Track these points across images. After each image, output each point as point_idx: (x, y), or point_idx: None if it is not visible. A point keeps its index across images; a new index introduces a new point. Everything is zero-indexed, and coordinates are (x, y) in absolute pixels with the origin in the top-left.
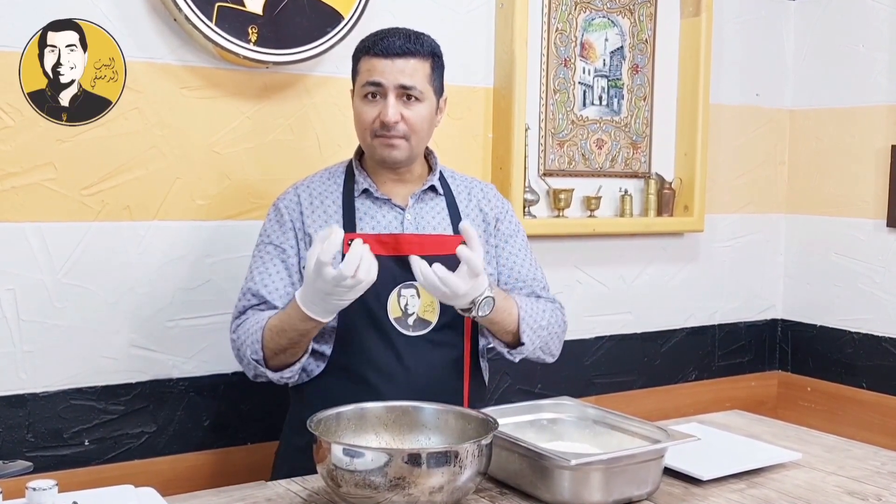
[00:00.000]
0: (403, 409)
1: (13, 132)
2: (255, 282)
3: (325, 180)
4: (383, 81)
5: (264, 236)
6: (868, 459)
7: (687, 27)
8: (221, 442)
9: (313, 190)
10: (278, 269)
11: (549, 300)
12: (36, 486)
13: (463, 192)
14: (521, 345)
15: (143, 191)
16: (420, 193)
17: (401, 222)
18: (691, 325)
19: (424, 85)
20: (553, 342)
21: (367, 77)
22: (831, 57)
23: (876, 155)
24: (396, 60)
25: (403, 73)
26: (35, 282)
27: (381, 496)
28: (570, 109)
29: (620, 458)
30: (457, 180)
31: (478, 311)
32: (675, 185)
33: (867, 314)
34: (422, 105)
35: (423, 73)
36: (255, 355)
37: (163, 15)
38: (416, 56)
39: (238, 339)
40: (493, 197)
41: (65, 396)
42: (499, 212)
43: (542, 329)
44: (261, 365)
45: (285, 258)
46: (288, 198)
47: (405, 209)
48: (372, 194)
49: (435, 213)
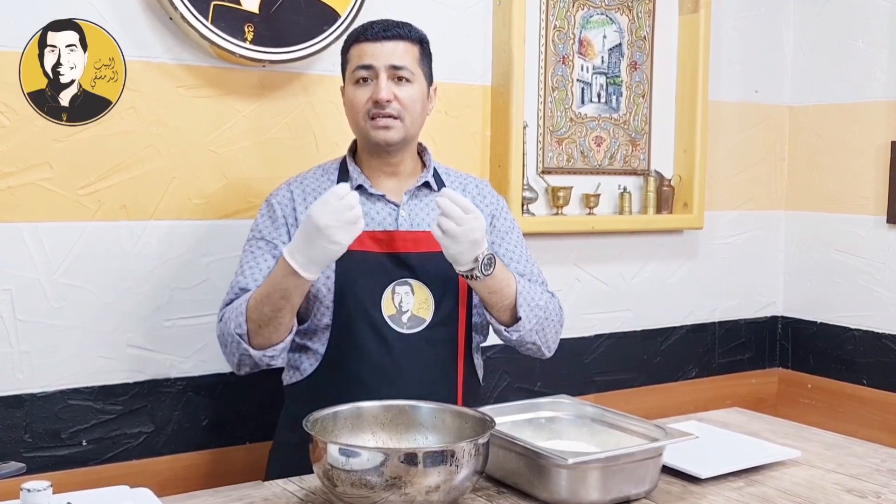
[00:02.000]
0: (400, 408)
1: (9, 132)
2: (245, 276)
3: (318, 177)
4: (374, 63)
5: (255, 231)
6: (868, 457)
7: (685, 24)
8: (219, 441)
9: (306, 186)
10: (269, 265)
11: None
12: (30, 488)
13: (458, 188)
14: (518, 320)
15: (140, 190)
16: (414, 190)
17: (395, 218)
18: (691, 323)
19: (415, 66)
20: (549, 329)
21: (357, 62)
22: (831, 53)
23: (876, 151)
24: (385, 43)
25: (393, 54)
26: (32, 282)
27: (377, 496)
28: (569, 107)
29: (618, 456)
30: (451, 176)
31: (481, 267)
32: (675, 182)
33: (867, 311)
34: (413, 86)
35: (412, 55)
36: (239, 328)
37: (158, 14)
38: (404, 39)
39: (223, 323)
40: (488, 193)
41: (62, 396)
42: (494, 208)
43: (539, 308)
44: (244, 341)
45: (276, 254)
46: (281, 194)
47: (399, 205)
48: (366, 190)
49: (429, 209)
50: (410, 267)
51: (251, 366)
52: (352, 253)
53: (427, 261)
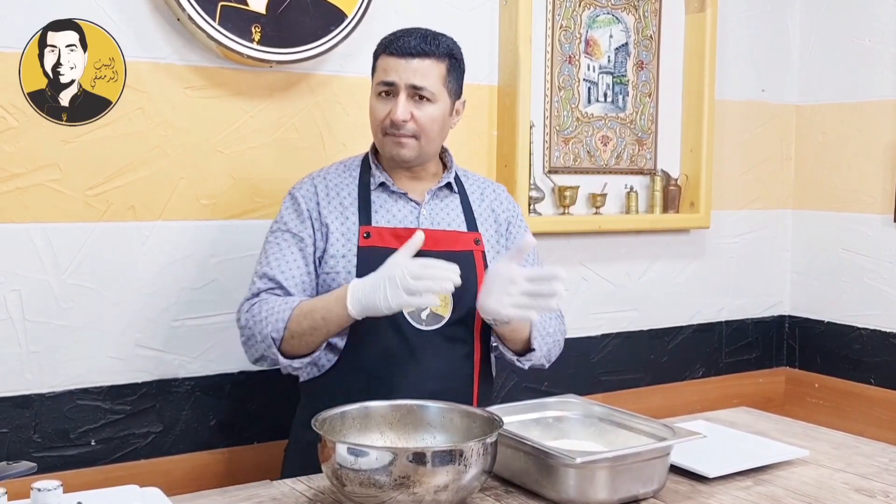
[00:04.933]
0: (408, 407)
1: (17, 133)
2: (272, 266)
3: (340, 172)
4: (395, 80)
5: (280, 223)
6: (876, 456)
7: (692, 23)
8: (228, 441)
9: (329, 181)
10: (295, 257)
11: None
12: (41, 487)
13: (476, 191)
14: (532, 351)
15: (148, 191)
16: (436, 190)
17: (416, 217)
18: (698, 322)
19: (437, 86)
20: (554, 349)
21: (381, 76)
22: (837, 52)
23: (883, 150)
24: (411, 60)
25: (416, 73)
26: (40, 282)
27: (385, 495)
28: (575, 106)
29: (626, 456)
30: (470, 179)
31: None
32: (681, 181)
33: (875, 310)
34: (433, 106)
35: (437, 73)
36: (276, 333)
37: (166, 15)
38: (430, 56)
39: (254, 317)
40: (505, 199)
41: (71, 397)
42: (510, 215)
43: (549, 336)
44: (275, 345)
45: (303, 247)
46: (304, 187)
47: (421, 204)
48: (388, 188)
49: (450, 209)
50: None
51: (270, 365)
52: (373, 249)
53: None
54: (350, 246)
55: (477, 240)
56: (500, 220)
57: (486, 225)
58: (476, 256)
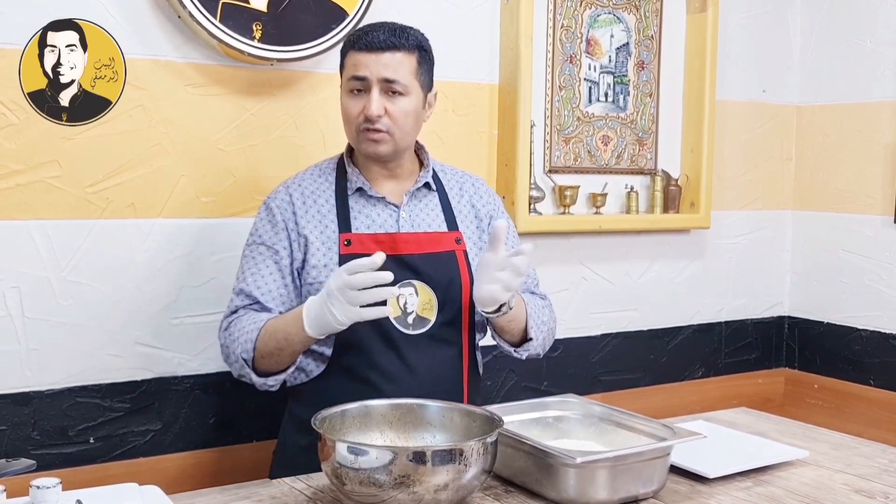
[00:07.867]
0: (408, 406)
1: (17, 130)
2: (248, 283)
3: (315, 178)
4: (367, 75)
5: (255, 236)
6: (876, 457)
7: (693, 23)
8: (227, 439)
9: (305, 189)
10: (271, 271)
11: (541, 296)
12: (40, 485)
13: (455, 187)
14: (529, 340)
15: (148, 188)
16: (414, 191)
17: (396, 220)
18: (698, 323)
19: (409, 79)
20: (549, 338)
21: (352, 72)
22: (838, 52)
23: (884, 151)
24: (381, 54)
25: (387, 66)
26: (40, 280)
27: (385, 494)
28: (576, 106)
29: (626, 455)
30: (447, 174)
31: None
32: (682, 181)
33: (875, 311)
34: (406, 99)
35: (408, 66)
36: (246, 354)
37: (167, 12)
38: (400, 49)
39: (230, 336)
40: (485, 193)
41: (70, 394)
42: (491, 208)
43: (543, 325)
44: (247, 365)
45: (278, 259)
46: (280, 197)
47: (400, 207)
48: (366, 192)
49: (429, 209)
50: (413, 268)
51: (250, 382)
52: (355, 257)
53: (430, 262)
54: (331, 255)
55: (458, 239)
56: (481, 214)
57: (467, 222)
58: (458, 256)
